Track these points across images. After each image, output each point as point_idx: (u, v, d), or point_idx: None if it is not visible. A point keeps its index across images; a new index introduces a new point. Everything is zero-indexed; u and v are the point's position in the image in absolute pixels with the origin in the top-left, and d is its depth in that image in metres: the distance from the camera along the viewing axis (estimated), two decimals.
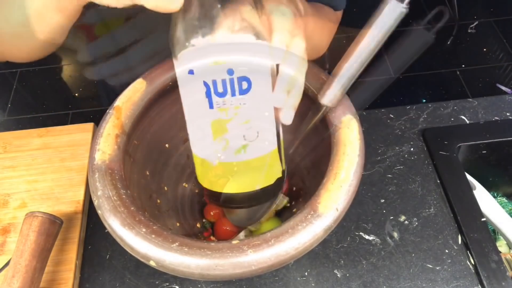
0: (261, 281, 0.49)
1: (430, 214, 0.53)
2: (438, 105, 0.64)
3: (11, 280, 0.41)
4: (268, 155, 0.35)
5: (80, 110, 1.59)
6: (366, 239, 0.52)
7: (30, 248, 0.43)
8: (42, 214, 0.45)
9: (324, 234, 0.34)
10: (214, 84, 0.31)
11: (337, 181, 0.35)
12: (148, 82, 0.43)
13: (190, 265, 0.32)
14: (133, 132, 0.42)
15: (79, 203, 0.54)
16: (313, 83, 0.42)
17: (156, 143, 0.48)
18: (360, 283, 0.48)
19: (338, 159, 0.36)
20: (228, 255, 0.32)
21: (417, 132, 0.61)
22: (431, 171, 0.57)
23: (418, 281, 0.48)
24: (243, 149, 0.34)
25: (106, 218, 0.34)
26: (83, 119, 0.68)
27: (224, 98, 0.31)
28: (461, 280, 0.48)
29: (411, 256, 0.50)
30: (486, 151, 0.61)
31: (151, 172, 0.47)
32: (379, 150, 0.59)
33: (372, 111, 0.64)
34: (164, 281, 0.49)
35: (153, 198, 0.47)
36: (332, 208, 0.34)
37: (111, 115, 0.41)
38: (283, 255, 0.32)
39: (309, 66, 0.43)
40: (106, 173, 0.37)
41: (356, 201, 0.54)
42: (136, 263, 0.50)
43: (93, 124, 0.62)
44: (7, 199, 0.55)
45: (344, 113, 0.39)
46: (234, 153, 0.34)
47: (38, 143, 0.60)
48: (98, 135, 0.39)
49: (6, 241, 0.52)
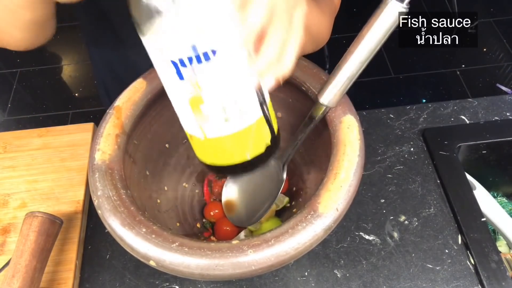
0: (261, 281, 0.49)
1: (430, 214, 0.53)
2: (438, 105, 0.64)
3: (11, 280, 0.41)
4: (253, 125, 0.35)
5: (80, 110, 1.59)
6: (366, 239, 0.52)
7: (30, 248, 0.43)
8: (42, 214, 0.45)
9: (324, 234, 0.34)
10: (180, 62, 0.30)
11: (337, 181, 0.35)
12: (148, 82, 0.43)
13: (190, 265, 0.32)
14: (133, 132, 0.42)
15: (79, 203, 0.54)
16: (313, 83, 0.42)
17: (156, 143, 0.48)
18: (360, 283, 0.48)
19: (338, 159, 0.36)
20: (228, 255, 0.32)
21: (417, 132, 0.61)
22: (431, 171, 0.57)
23: (418, 281, 0.48)
24: (226, 122, 0.33)
25: (106, 218, 0.34)
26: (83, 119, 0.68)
27: (191, 66, 0.30)
28: (461, 280, 0.48)
29: (411, 256, 0.50)
30: (486, 151, 0.61)
31: (151, 172, 0.47)
32: (379, 150, 0.59)
33: (372, 111, 0.64)
34: (164, 281, 0.49)
35: (153, 198, 0.47)
36: (332, 208, 0.34)
37: (111, 115, 0.41)
38: (283, 255, 0.32)
39: (309, 66, 0.43)
40: (106, 173, 0.37)
41: (356, 201, 0.54)
42: (136, 263, 0.50)
43: (93, 124, 0.62)
44: (7, 199, 0.55)
45: (344, 113, 0.39)
46: (218, 127, 0.34)
47: (38, 143, 0.60)
48: (98, 135, 0.39)
49: (6, 241, 0.52)
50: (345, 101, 0.40)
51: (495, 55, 1.65)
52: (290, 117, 0.50)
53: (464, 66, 1.61)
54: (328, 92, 0.37)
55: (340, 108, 0.40)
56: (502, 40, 1.68)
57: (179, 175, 0.53)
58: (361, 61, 0.34)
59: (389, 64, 1.62)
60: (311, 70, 0.42)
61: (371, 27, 0.32)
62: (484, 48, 1.67)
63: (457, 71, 1.60)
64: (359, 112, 0.41)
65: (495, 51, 1.66)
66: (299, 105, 0.48)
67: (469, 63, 1.62)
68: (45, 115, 1.59)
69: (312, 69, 0.43)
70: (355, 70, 0.35)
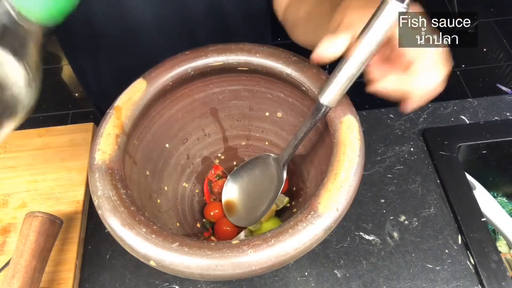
0: (261, 281, 0.49)
1: (430, 214, 0.53)
2: (438, 105, 0.64)
3: (11, 280, 0.41)
4: None
5: (80, 110, 1.59)
6: (366, 239, 0.52)
7: (30, 248, 0.43)
8: (42, 214, 0.45)
9: (324, 234, 0.34)
10: None
11: (337, 181, 0.35)
12: (148, 82, 0.43)
13: (190, 265, 0.32)
14: (133, 132, 0.42)
15: (79, 203, 0.54)
16: (313, 83, 0.42)
17: (156, 143, 0.48)
18: (360, 283, 0.48)
19: (338, 159, 0.36)
20: (228, 255, 0.32)
21: (417, 132, 0.61)
22: (431, 171, 0.57)
23: (418, 281, 0.48)
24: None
25: (106, 218, 0.34)
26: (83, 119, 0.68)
27: None
28: (461, 280, 0.48)
29: (411, 256, 0.50)
30: (486, 151, 0.61)
31: (151, 172, 0.47)
32: (379, 150, 0.59)
33: (372, 111, 0.64)
34: (164, 281, 0.49)
35: (153, 198, 0.47)
36: (332, 208, 0.34)
37: (111, 115, 0.41)
38: (283, 255, 0.32)
39: (309, 66, 0.43)
40: (106, 173, 0.37)
41: (356, 201, 0.54)
42: (136, 263, 0.50)
43: (93, 124, 0.62)
44: (7, 199, 0.55)
45: (344, 113, 0.39)
46: None
47: (38, 143, 0.60)
48: (98, 135, 0.39)
49: (6, 241, 0.51)
50: (345, 101, 0.40)
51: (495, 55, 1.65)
52: (290, 117, 0.51)
53: (464, 66, 1.61)
54: (328, 92, 0.37)
55: (340, 108, 0.40)
56: (502, 40, 1.68)
57: (179, 175, 0.53)
58: (361, 61, 0.34)
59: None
60: (311, 70, 0.42)
61: (371, 27, 0.32)
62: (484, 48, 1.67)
63: (457, 71, 1.60)
64: (359, 112, 0.41)
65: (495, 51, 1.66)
66: (299, 105, 0.48)
67: (469, 63, 1.62)
68: (45, 115, 1.59)
69: (312, 69, 0.43)
70: (355, 70, 0.35)
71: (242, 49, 0.44)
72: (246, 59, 0.44)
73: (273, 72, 0.44)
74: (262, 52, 0.44)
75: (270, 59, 0.43)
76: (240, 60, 0.44)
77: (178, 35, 0.58)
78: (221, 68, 0.45)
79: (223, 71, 0.45)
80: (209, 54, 0.44)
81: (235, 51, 0.44)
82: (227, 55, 0.44)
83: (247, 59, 0.44)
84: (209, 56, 0.44)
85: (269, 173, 0.48)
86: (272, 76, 0.45)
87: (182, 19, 0.57)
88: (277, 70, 0.43)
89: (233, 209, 0.51)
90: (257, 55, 0.44)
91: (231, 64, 0.44)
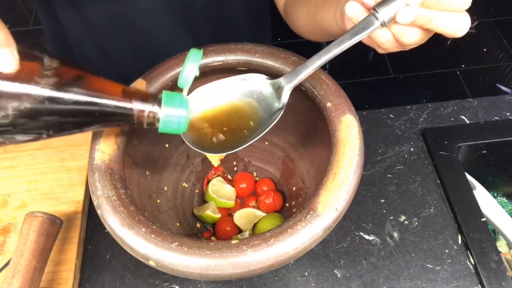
0: (261, 281, 0.49)
1: (430, 214, 0.53)
2: (438, 105, 0.64)
3: (11, 280, 0.41)
4: None
5: None
6: (366, 239, 0.52)
7: (30, 248, 0.43)
8: (42, 214, 0.45)
9: (323, 234, 0.34)
10: None
11: (337, 181, 0.35)
12: (147, 82, 0.43)
13: (189, 265, 0.32)
14: (133, 132, 0.42)
15: (79, 203, 0.54)
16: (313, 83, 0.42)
17: (156, 143, 0.48)
18: (360, 283, 0.48)
19: (337, 159, 0.36)
20: (228, 255, 0.32)
21: (417, 132, 0.61)
22: (431, 171, 0.57)
23: (418, 281, 0.48)
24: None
25: (106, 218, 0.35)
26: None
27: None
28: (461, 280, 0.48)
29: (411, 256, 0.50)
30: (486, 151, 0.61)
31: (151, 172, 0.47)
32: (379, 150, 0.59)
33: (372, 111, 0.64)
34: (164, 281, 0.49)
35: (153, 198, 0.47)
36: (332, 208, 0.34)
37: None
38: (282, 255, 0.32)
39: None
40: (106, 173, 0.37)
41: (356, 201, 0.54)
42: (136, 263, 0.50)
43: None
44: (7, 199, 0.55)
45: (343, 113, 0.39)
46: None
47: (37, 143, 0.60)
48: (98, 135, 0.39)
49: (6, 241, 0.52)
50: (344, 101, 0.40)
51: (495, 55, 1.65)
52: (290, 117, 0.50)
53: (464, 66, 1.61)
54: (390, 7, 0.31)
55: (340, 108, 0.40)
56: (502, 40, 1.68)
57: (179, 175, 0.53)
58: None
59: (389, 64, 1.62)
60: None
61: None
62: (484, 48, 1.67)
63: (457, 71, 1.60)
64: (359, 112, 0.41)
65: (495, 51, 1.66)
66: (299, 105, 0.48)
67: (469, 63, 1.62)
68: None
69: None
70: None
71: (242, 49, 0.44)
72: (245, 59, 0.44)
73: (272, 72, 0.44)
74: (262, 52, 0.44)
75: (270, 59, 0.43)
76: (240, 60, 0.44)
77: (179, 34, 0.58)
78: (220, 68, 0.45)
79: (223, 71, 0.45)
80: (209, 54, 0.44)
81: (235, 51, 0.44)
82: (227, 55, 0.44)
83: (246, 59, 0.44)
84: (208, 56, 0.44)
85: (260, 93, 0.38)
86: (272, 76, 0.45)
87: (183, 17, 0.57)
88: (277, 70, 0.43)
89: (202, 131, 0.38)
90: (256, 55, 0.44)
91: (230, 64, 0.44)
